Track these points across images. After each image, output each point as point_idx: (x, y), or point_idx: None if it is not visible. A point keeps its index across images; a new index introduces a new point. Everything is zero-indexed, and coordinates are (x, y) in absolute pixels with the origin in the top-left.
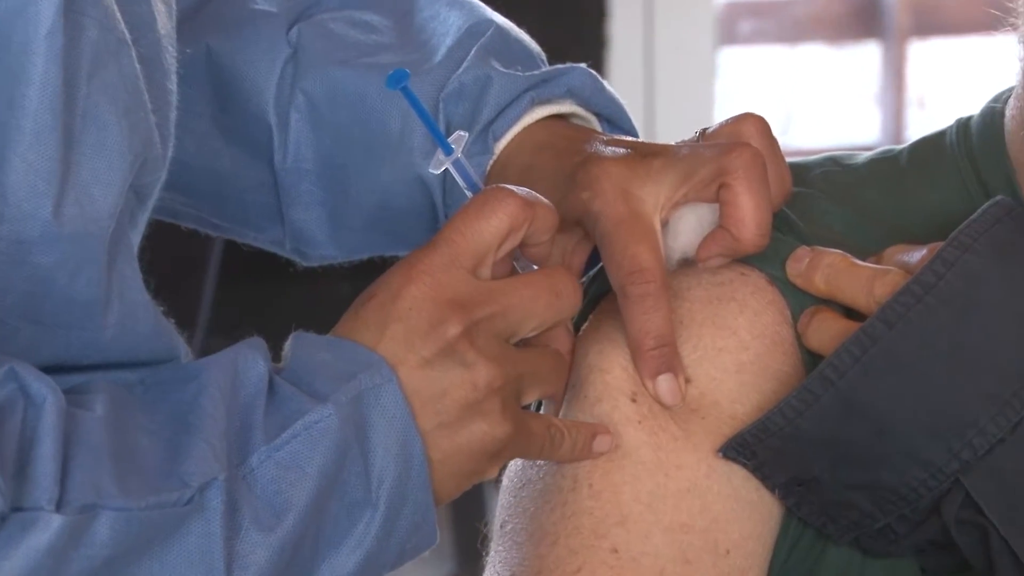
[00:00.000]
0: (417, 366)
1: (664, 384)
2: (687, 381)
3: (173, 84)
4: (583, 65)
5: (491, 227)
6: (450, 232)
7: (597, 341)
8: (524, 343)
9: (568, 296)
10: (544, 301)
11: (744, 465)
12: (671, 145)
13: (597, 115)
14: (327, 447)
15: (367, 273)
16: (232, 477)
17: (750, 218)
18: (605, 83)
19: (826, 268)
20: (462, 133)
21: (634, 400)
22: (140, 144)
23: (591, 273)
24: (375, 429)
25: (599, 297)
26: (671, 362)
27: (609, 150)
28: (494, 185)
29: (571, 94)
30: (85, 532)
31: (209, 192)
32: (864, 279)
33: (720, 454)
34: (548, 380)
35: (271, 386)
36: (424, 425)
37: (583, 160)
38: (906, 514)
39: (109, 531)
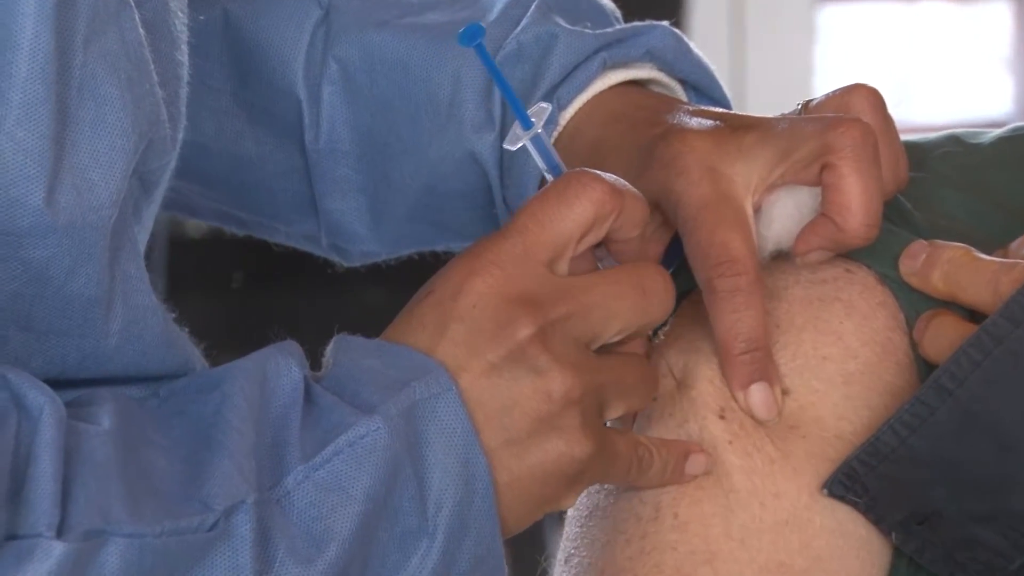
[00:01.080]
0: (481, 373)
1: (757, 394)
2: (784, 393)
3: (183, 55)
4: (665, 23)
5: (573, 215)
6: (524, 219)
7: (679, 350)
8: (605, 350)
9: (658, 296)
10: (630, 301)
11: (854, 504)
12: (768, 118)
13: (681, 82)
14: (375, 465)
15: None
16: (264, 501)
17: (857, 205)
18: (691, 44)
19: (945, 264)
20: (544, 105)
21: (723, 417)
22: (145, 122)
23: (669, 270)
24: (431, 446)
25: (680, 299)
26: (765, 369)
27: (695, 122)
28: (579, 168)
29: (651, 56)
30: (91, 562)
31: (231, 181)
32: (989, 275)
33: (825, 491)
34: (634, 392)
35: (308, 396)
36: (489, 442)
37: (663, 133)
38: None
39: (119, 561)
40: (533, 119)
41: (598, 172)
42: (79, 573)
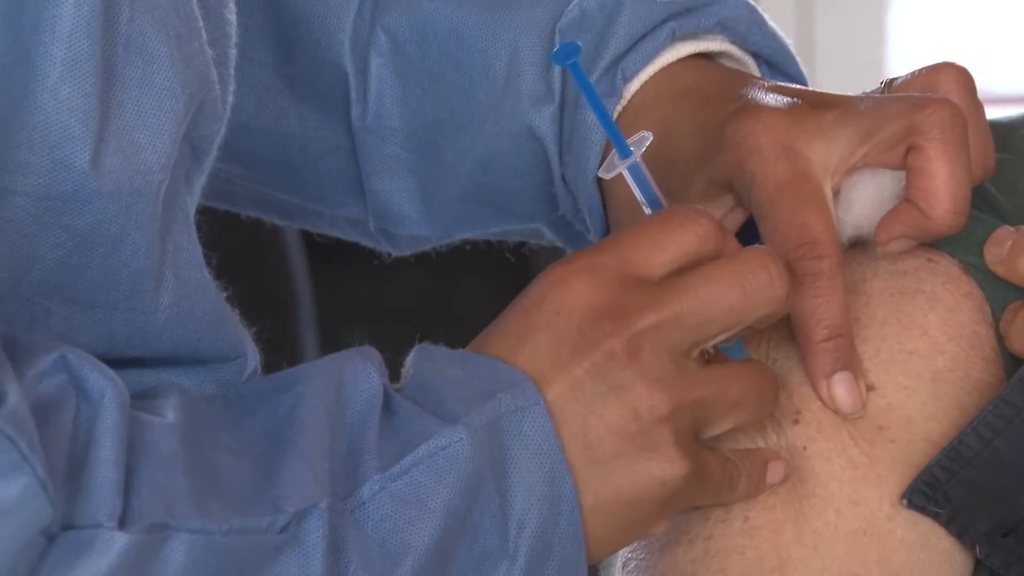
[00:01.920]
0: (565, 387)
1: (841, 385)
2: (870, 388)
3: (232, 14)
4: None
5: (674, 243)
6: (623, 236)
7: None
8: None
9: (762, 290)
10: (730, 301)
11: (935, 516)
12: (849, 96)
13: (755, 56)
14: (456, 479)
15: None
16: (337, 510)
17: (944, 190)
18: (766, 16)
19: None
20: (646, 134)
21: (797, 421)
22: (196, 82)
23: None
24: (516, 462)
25: None
26: (849, 358)
27: (770, 98)
28: (687, 205)
29: (722, 28)
30: (155, 557)
31: (273, 161)
32: None
33: (904, 502)
34: (742, 407)
35: (387, 404)
36: (574, 461)
37: (737, 110)
38: None
39: (184, 557)
40: (633, 148)
41: (705, 210)
42: (142, 567)
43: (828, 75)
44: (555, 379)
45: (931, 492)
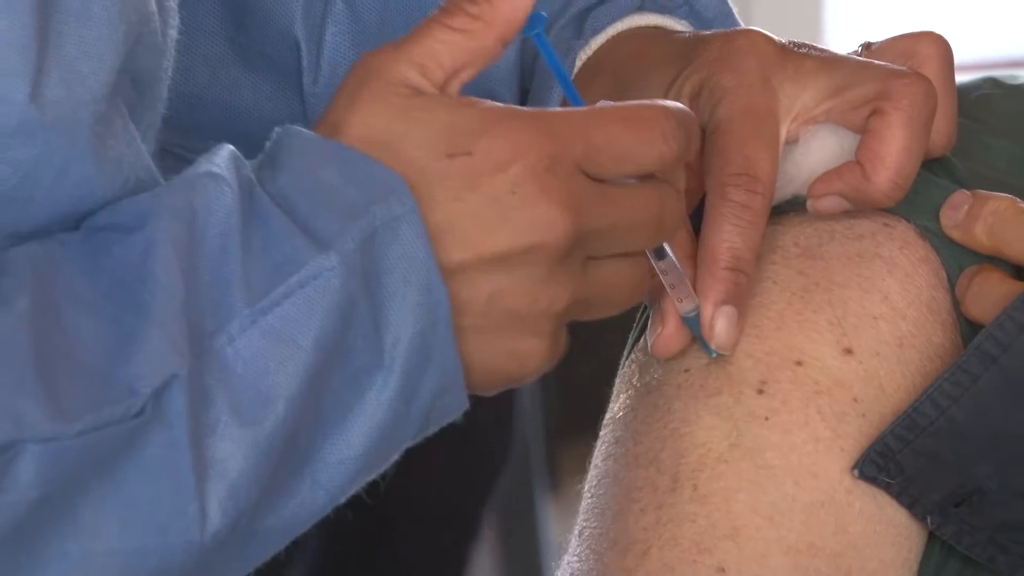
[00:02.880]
0: (447, 194)
1: (725, 318)
2: (848, 352)
3: None
4: None
5: (641, 156)
6: (594, 133)
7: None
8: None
9: (671, 139)
10: (634, 138)
11: (886, 487)
12: (836, 53)
13: None
14: (327, 309)
15: None
16: (203, 352)
17: (894, 158)
18: (734, 8)
19: (989, 216)
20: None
21: (761, 392)
22: (134, 12)
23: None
24: (390, 275)
25: None
26: (743, 296)
27: (760, 31)
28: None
29: (690, 11)
30: (3, 477)
31: (228, 133)
32: None
33: (856, 473)
34: (615, 301)
35: (256, 212)
36: (448, 264)
37: (723, 32)
38: None
39: (34, 469)
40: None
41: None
42: None
43: None
44: (432, 179)
45: (883, 462)
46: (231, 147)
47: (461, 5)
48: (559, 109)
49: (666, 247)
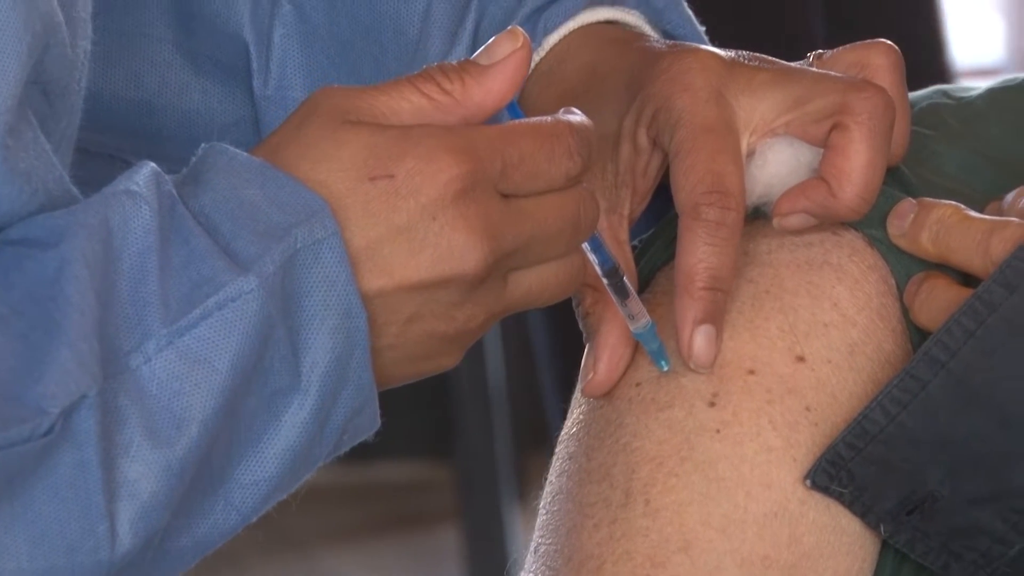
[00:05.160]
0: (363, 213)
1: (703, 336)
2: (800, 360)
3: None
4: None
5: (551, 175)
6: (511, 150)
7: (665, 336)
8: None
9: (576, 154)
10: (545, 155)
11: (838, 496)
12: (788, 64)
13: (668, 37)
14: (244, 332)
15: None
16: (118, 371)
17: (859, 174)
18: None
19: (934, 224)
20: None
21: (713, 404)
22: (39, 22)
23: (641, 238)
24: (309, 298)
25: (656, 271)
26: (720, 314)
27: (706, 48)
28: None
29: (640, 1)
30: None
31: (179, 138)
32: (979, 235)
33: (808, 483)
34: (559, 239)
35: (178, 229)
36: (368, 290)
37: (672, 47)
38: None
39: None
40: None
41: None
42: None
43: None
44: (354, 203)
45: (835, 471)
46: (153, 164)
47: (435, 77)
48: (477, 127)
49: (619, 268)
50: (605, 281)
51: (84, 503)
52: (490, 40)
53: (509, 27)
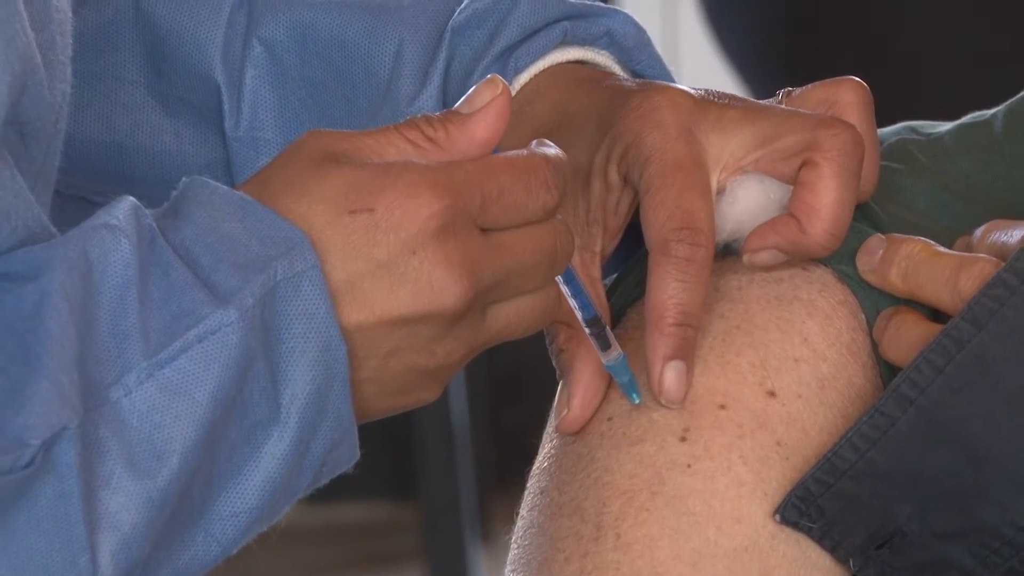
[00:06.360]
0: (343, 247)
1: (674, 372)
2: (771, 395)
3: (60, 1)
4: (624, 11)
5: (530, 210)
6: (489, 184)
7: (637, 369)
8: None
9: (552, 187)
10: (523, 188)
11: (807, 531)
12: (757, 102)
13: (637, 77)
14: (224, 365)
15: None
16: (99, 404)
17: (828, 210)
18: (651, 38)
19: (903, 260)
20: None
21: (684, 439)
22: (18, 62)
23: (612, 277)
24: (289, 331)
25: (626, 308)
26: (689, 351)
27: (676, 86)
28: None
29: (610, 40)
30: None
31: (151, 179)
32: (948, 271)
33: (778, 518)
34: (533, 273)
35: (157, 262)
36: (348, 324)
37: (642, 86)
38: (1015, 567)
39: None
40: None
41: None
42: None
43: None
44: (334, 236)
45: (804, 507)
46: (132, 199)
47: (420, 125)
48: (455, 162)
49: (593, 304)
50: (578, 316)
51: (65, 535)
52: (470, 90)
53: (488, 76)
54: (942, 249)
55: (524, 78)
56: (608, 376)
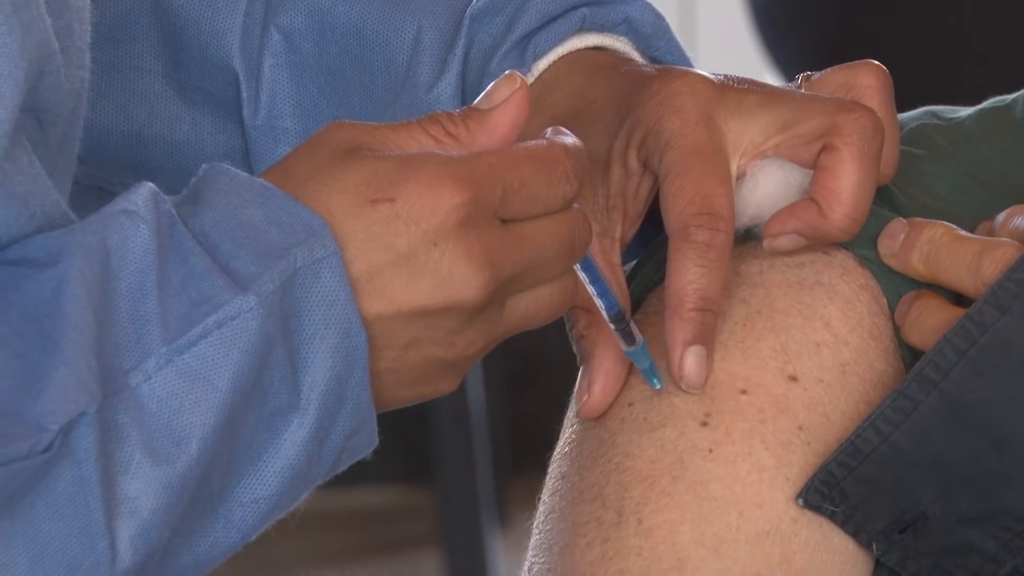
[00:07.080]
0: (365, 235)
1: (694, 357)
2: (792, 379)
3: None
4: None
5: (553, 200)
6: (510, 175)
7: (658, 355)
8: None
9: (572, 177)
10: (544, 179)
11: (831, 515)
12: (777, 87)
13: (655, 63)
14: (244, 351)
15: None
16: (118, 389)
17: (849, 195)
18: (669, 25)
19: (925, 245)
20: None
21: (705, 424)
22: (35, 49)
23: (631, 264)
24: (309, 317)
25: (647, 292)
26: (709, 335)
27: (695, 72)
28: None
29: (628, 27)
30: None
31: (169, 169)
32: (970, 255)
33: (800, 502)
34: (554, 263)
35: (177, 249)
36: (367, 311)
37: (661, 72)
38: None
39: None
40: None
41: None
42: None
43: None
44: (355, 226)
45: (827, 491)
46: (151, 185)
47: (440, 120)
48: (476, 154)
49: (612, 292)
50: (598, 302)
51: (84, 520)
52: (488, 87)
53: (506, 72)
54: (964, 233)
55: (543, 65)
56: (628, 361)
